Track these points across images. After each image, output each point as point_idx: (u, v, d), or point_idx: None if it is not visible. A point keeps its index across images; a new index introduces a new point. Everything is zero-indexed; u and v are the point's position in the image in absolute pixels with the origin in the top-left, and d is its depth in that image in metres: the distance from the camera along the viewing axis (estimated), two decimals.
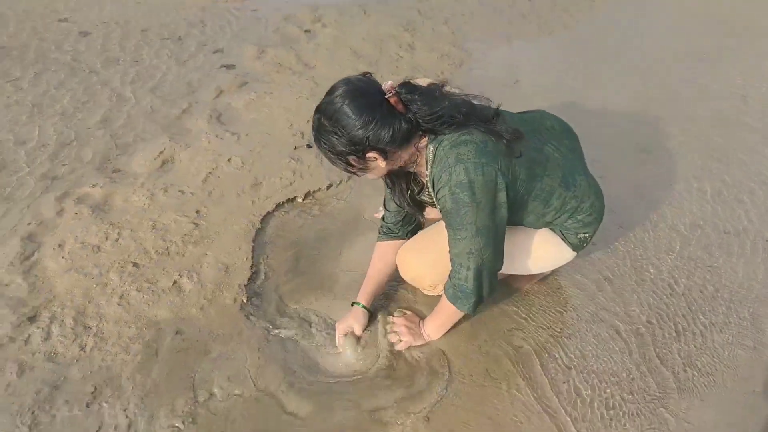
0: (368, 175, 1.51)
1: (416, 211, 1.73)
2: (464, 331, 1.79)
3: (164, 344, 1.73)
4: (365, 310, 1.80)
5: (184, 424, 1.51)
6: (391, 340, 1.74)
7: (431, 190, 1.47)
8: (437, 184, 1.43)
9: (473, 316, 1.67)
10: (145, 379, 1.63)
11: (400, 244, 1.82)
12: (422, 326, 1.75)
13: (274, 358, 1.71)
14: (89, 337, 1.74)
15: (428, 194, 1.57)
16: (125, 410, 1.54)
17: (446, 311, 1.64)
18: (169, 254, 2.06)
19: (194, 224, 2.20)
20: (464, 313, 1.62)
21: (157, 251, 2.06)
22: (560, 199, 1.58)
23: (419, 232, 1.83)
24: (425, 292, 1.89)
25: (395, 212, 1.79)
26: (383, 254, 1.84)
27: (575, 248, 1.71)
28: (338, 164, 1.47)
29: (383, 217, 1.85)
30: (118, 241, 2.09)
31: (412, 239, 1.82)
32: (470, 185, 1.37)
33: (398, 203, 1.71)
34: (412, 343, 1.73)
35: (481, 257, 1.45)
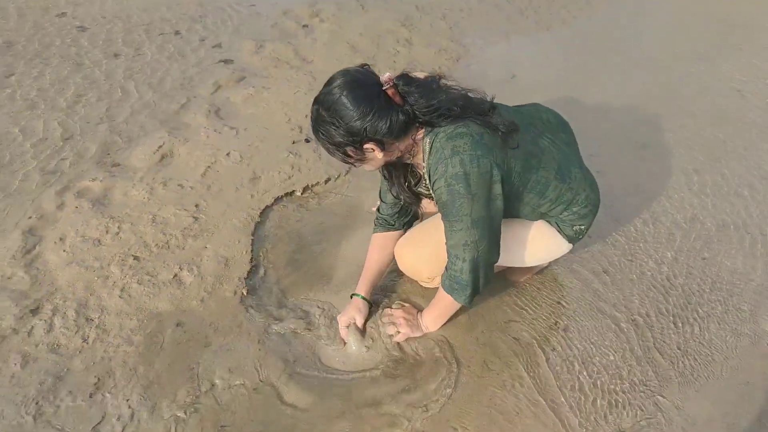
0: (365, 166, 1.53)
1: (413, 202, 1.74)
2: (462, 322, 1.81)
3: (165, 336, 1.75)
4: (365, 300, 1.81)
5: (186, 413, 1.54)
6: (388, 332, 1.76)
7: (428, 181, 1.49)
8: (433, 175, 1.44)
9: (470, 307, 1.69)
10: (147, 370, 1.65)
11: (396, 235, 1.84)
12: (420, 318, 1.77)
13: (274, 349, 1.73)
14: (91, 329, 1.76)
15: (425, 186, 1.59)
16: (128, 400, 1.56)
17: (443, 302, 1.66)
18: (169, 247, 2.08)
19: (194, 218, 2.22)
20: (461, 304, 1.63)
21: (157, 244, 2.08)
22: (556, 191, 1.59)
23: (417, 225, 1.85)
24: (423, 284, 1.90)
25: (391, 204, 1.80)
26: (380, 245, 1.85)
27: (571, 240, 1.73)
28: (336, 155, 1.48)
29: (378, 208, 1.86)
30: (118, 234, 2.11)
31: (409, 232, 1.84)
32: (466, 177, 1.39)
33: (395, 195, 1.72)
34: (410, 334, 1.74)
35: (476, 249, 1.47)
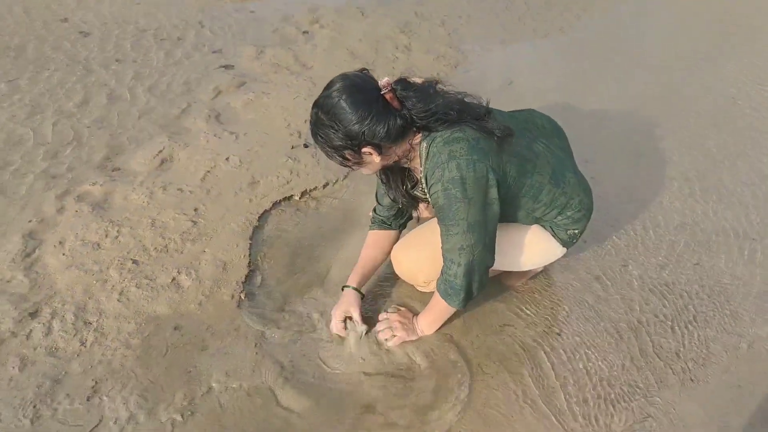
0: (363, 170, 1.55)
1: (411, 205, 1.76)
2: (457, 326, 1.82)
3: (163, 339, 1.77)
4: (357, 292, 1.81)
5: (183, 416, 1.54)
6: (384, 336, 1.76)
7: (425, 185, 1.51)
8: (430, 180, 1.46)
9: (464, 311, 1.71)
10: (144, 373, 1.66)
11: (391, 234, 1.86)
12: (416, 321, 1.78)
13: (271, 353, 1.74)
14: (89, 332, 1.77)
15: (421, 190, 1.61)
16: (125, 403, 1.57)
17: (439, 306, 1.67)
18: (167, 251, 2.09)
19: (193, 222, 2.23)
20: (455, 308, 1.65)
21: (156, 248, 2.10)
22: (549, 195, 1.61)
23: (413, 229, 1.86)
24: (419, 288, 1.92)
25: (387, 206, 1.82)
26: (375, 241, 1.87)
27: (565, 244, 1.74)
28: (334, 158, 1.50)
29: (375, 209, 1.87)
30: (117, 238, 2.13)
31: (406, 236, 1.85)
32: (462, 181, 1.41)
33: (392, 198, 1.74)
34: (405, 338, 1.75)
35: (472, 253, 1.49)
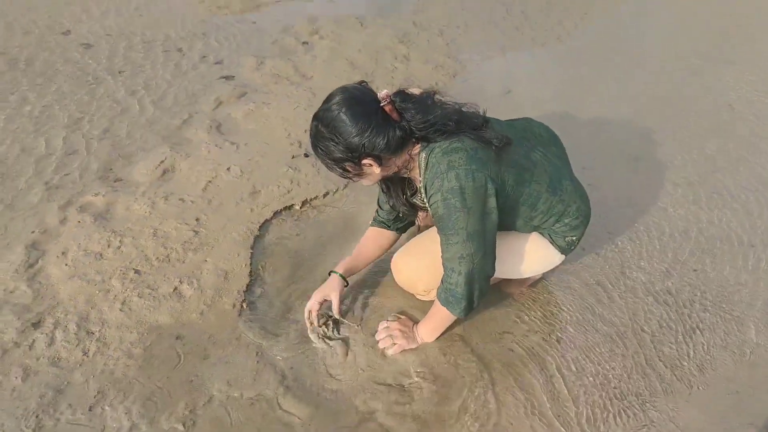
0: (363, 181, 1.56)
1: (411, 214, 1.78)
2: (457, 334, 1.83)
3: (165, 349, 1.78)
4: (342, 279, 1.82)
5: (185, 426, 1.55)
6: (384, 344, 1.77)
7: (424, 195, 1.52)
8: (430, 190, 1.48)
9: (464, 319, 1.72)
10: (146, 382, 1.67)
11: (390, 235, 1.89)
12: (416, 330, 1.79)
13: (271, 362, 1.75)
14: (92, 342, 1.78)
15: (421, 199, 1.62)
16: (127, 413, 1.58)
17: (439, 315, 1.68)
18: (169, 261, 2.11)
19: (194, 232, 2.25)
20: (456, 317, 1.66)
21: (158, 258, 2.11)
22: (547, 203, 1.63)
23: (413, 238, 1.88)
24: (419, 297, 1.93)
25: (388, 211, 1.85)
26: (372, 237, 1.90)
27: (563, 251, 1.76)
28: (335, 170, 1.52)
29: (377, 211, 1.90)
30: (120, 248, 2.14)
31: (405, 245, 1.87)
32: (461, 191, 1.42)
33: (393, 207, 1.75)
34: (405, 346, 1.76)
35: (472, 261, 1.50)
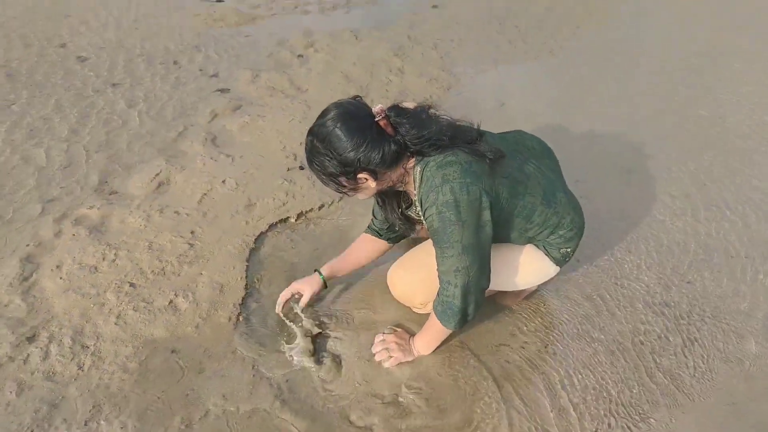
0: (359, 195, 1.57)
1: (407, 227, 1.79)
2: (453, 346, 1.84)
3: (160, 362, 1.77)
4: (322, 280, 1.89)
5: None
6: (381, 357, 1.77)
7: (419, 209, 1.53)
8: (425, 203, 1.49)
9: (460, 332, 1.72)
10: (142, 396, 1.66)
11: (382, 244, 1.92)
12: (412, 342, 1.79)
13: (268, 375, 1.74)
14: (87, 356, 1.78)
15: (416, 212, 1.64)
16: (123, 428, 1.57)
17: (435, 327, 1.69)
18: (164, 274, 2.10)
19: (189, 244, 2.25)
20: (452, 330, 1.67)
21: (153, 271, 2.11)
22: (542, 215, 1.65)
23: (409, 251, 1.89)
24: (415, 310, 1.93)
25: (382, 221, 1.87)
26: (363, 243, 1.94)
27: (558, 263, 1.77)
28: (330, 185, 1.53)
29: (372, 219, 1.92)
30: (114, 261, 2.14)
31: (400, 259, 1.88)
32: (456, 204, 1.43)
33: (388, 220, 1.76)
34: (402, 359, 1.76)
35: (467, 274, 1.51)
